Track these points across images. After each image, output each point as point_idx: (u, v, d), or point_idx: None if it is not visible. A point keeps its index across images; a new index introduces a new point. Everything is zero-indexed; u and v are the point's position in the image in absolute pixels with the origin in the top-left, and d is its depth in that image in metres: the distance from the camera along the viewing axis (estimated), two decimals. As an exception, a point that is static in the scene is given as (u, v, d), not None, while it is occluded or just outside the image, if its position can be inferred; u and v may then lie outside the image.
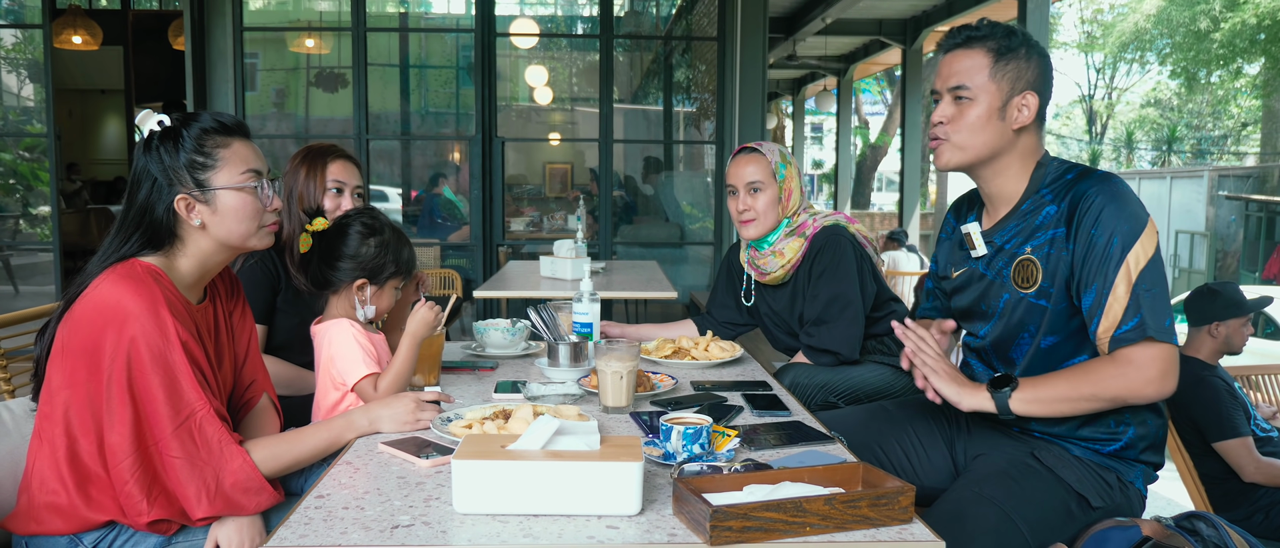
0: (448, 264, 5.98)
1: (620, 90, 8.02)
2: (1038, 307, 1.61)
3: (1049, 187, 1.62)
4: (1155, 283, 1.50)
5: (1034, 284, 1.61)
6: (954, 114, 1.62)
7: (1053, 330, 1.61)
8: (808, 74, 14.05)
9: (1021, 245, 1.63)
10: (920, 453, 1.81)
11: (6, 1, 8.52)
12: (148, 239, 1.46)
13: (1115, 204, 1.52)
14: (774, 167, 2.35)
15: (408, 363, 1.77)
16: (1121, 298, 1.49)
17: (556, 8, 7.61)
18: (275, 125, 7.00)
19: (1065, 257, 1.56)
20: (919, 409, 1.89)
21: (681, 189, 6.78)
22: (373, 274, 1.84)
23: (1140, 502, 1.65)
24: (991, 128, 1.60)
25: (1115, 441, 1.62)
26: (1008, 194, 1.66)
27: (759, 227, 2.35)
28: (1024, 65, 1.59)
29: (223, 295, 1.64)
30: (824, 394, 2.20)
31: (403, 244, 1.89)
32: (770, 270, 2.38)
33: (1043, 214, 1.61)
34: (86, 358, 1.37)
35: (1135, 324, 1.48)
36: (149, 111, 1.48)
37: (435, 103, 7.23)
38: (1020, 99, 1.60)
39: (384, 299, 1.87)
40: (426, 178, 6.90)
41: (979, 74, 1.60)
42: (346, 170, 2.20)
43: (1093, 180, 1.56)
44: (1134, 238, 1.50)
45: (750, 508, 1.13)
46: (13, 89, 10.74)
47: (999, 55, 1.59)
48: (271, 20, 7.10)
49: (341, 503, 1.25)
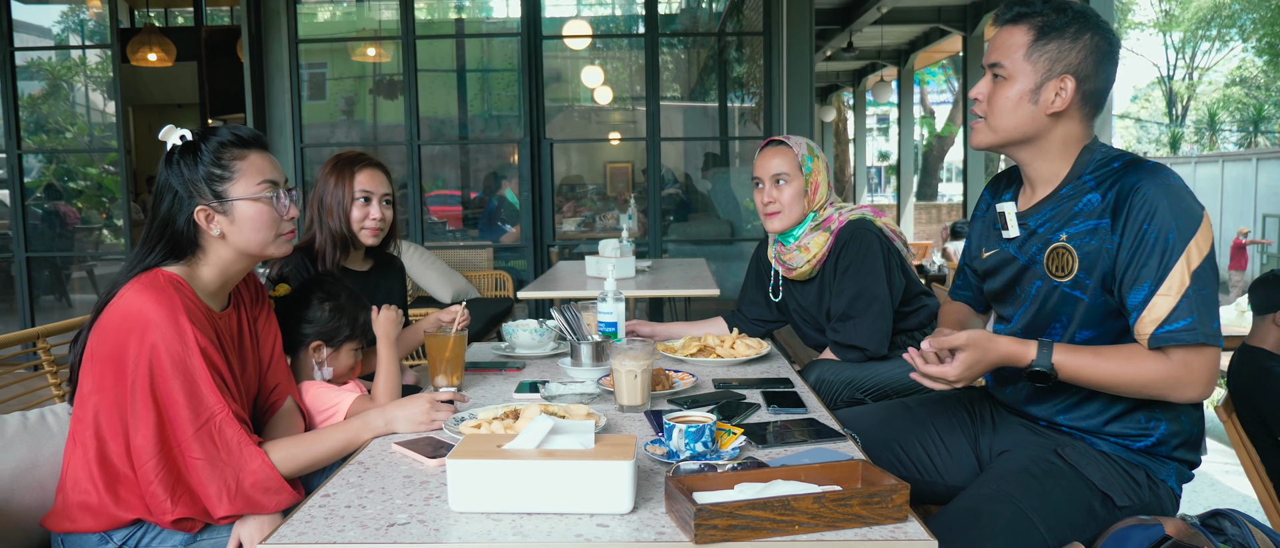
0: (500, 266, 6.06)
1: (680, 87, 8.03)
2: (1072, 297, 1.55)
3: (1093, 173, 1.54)
4: (1208, 283, 1.43)
5: (1069, 274, 1.54)
6: (989, 92, 1.57)
7: (1088, 324, 1.54)
8: (868, 65, 13.83)
9: (1057, 231, 1.56)
10: (942, 450, 1.78)
11: (92, 23, 8.97)
12: (170, 249, 1.53)
13: (1170, 198, 1.43)
14: (800, 159, 2.33)
15: (394, 362, 1.83)
16: (1174, 295, 1.41)
17: (614, 7, 7.64)
18: (345, 133, 7.18)
19: (1109, 249, 1.48)
20: (941, 405, 1.85)
21: (732, 186, 6.75)
22: (328, 338, 1.90)
23: (1173, 500, 1.59)
24: (1023, 110, 1.53)
25: (1146, 436, 1.56)
26: (1047, 176, 1.59)
27: (784, 220, 2.34)
28: (1068, 46, 1.50)
29: (247, 302, 1.70)
30: (850, 391, 2.18)
31: (359, 309, 1.94)
32: (796, 266, 2.36)
33: (1084, 201, 1.53)
34: (113, 364, 1.44)
35: (1187, 324, 1.41)
36: (171, 127, 1.55)
37: (498, 105, 7.34)
38: (1057, 83, 1.51)
39: (341, 361, 1.93)
40: (486, 180, 7.00)
41: (1016, 52, 1.53)
42: (374, 179, 2.25)
43: (1144, 173, 1.47)
44: (1190, 234, 1.42)
45: (736, 506, 1.13)
46: (98, 107, 11.28)
47: (1041, 34, 1.51)
48: (335, 30, 7.29)
49: (345, 501, 1.29)
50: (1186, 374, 1.43)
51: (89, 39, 9.12)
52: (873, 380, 2.18)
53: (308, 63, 6.88)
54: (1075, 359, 1.47)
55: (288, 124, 5.78)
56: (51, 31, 9.39)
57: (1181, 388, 1.44)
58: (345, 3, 7.44)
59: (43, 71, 8.41)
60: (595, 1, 7.87)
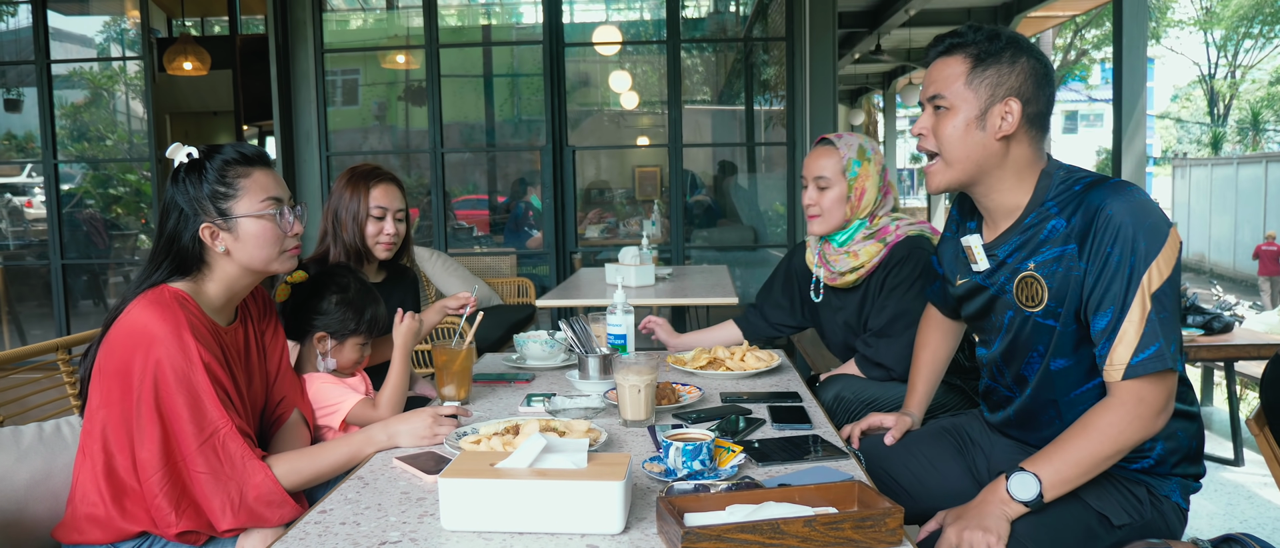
0: (523, 272, 6.09)
1: (710, 90, 8.01)
2: (1045, 326, 1.52)
3: (1055, 198, 1.51)
4: (1169, 304, 1.39)
5: (1039, 303, 1.51)
6: (932, 124, 1.55)
7: (1061, 352, 1.52)
8: (898, 67, 13.70)
9: (1024, 261, 1.53)
10: (933, 473, 1.76)
11: (133, 32, 9.15)
12: (176, 266, 1.56)
13: (1134, 217, 1.39)
14: (845, 163, 2.25)
15: (403, 373, 1.85)
16: (1138, 323, 1.38)
17: (642, 11, 7.66)
18: (377, 139, 7.26)
19: (1076, 275, 1.45)
20: (931, 429, 1.85)
21: (755, 191, 6.72)
22: (334, 331, 1.92)
23: (1179, 515, 1.55)
24: (972, 138, 1.51)
25: (1143, 457, 1.53)
26: (1008, 207, 1.56)
27: (823, 224, 2.28)
28: (1007, 70, 1.49)
29: (254, 316, 1.72)
30: (869, 411, 2.14)
31: (368, 305, 1.95)
32: (841, 270, 2.29)
33: (1048, 228, 1.50)
34: (118, 378, 1.46)
35: (1154, 352, 1.38)
36: (178, 145, 1.58)
37: (528, 110, 7.39)
38: (1001, 106, 1.49)
39: (345, 354, 1.94)
40: (512, 186, 7.04)
41: (956, 82, 1.51)
42: (388, 195, 2.27)
43: (1107, 191, 1.43)
44: (1153, 255, 1.38)
45: (724, 530, 1.12)
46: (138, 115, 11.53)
47: (978, 61, 1.50)
48: (366, 37, 7.37)
49: (340, 518, 1.30)
50: (1143, 409, 1.39)
51: (130, 49, 9.32)
52: (891, 403, 2.14)
53: (341, 69, 6.97)
54: (1052, 469, 1.42)
55: (314, 133, 5.85)
56: (94, 41, 9.60)
57: (1151, 422, 1.40)
58: (376, 10, 7.53)
59: (83, 80, 8.59)
60: (624, 5, 7.89)
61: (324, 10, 5.95)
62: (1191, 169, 17.12)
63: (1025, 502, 1.42)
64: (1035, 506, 1.42)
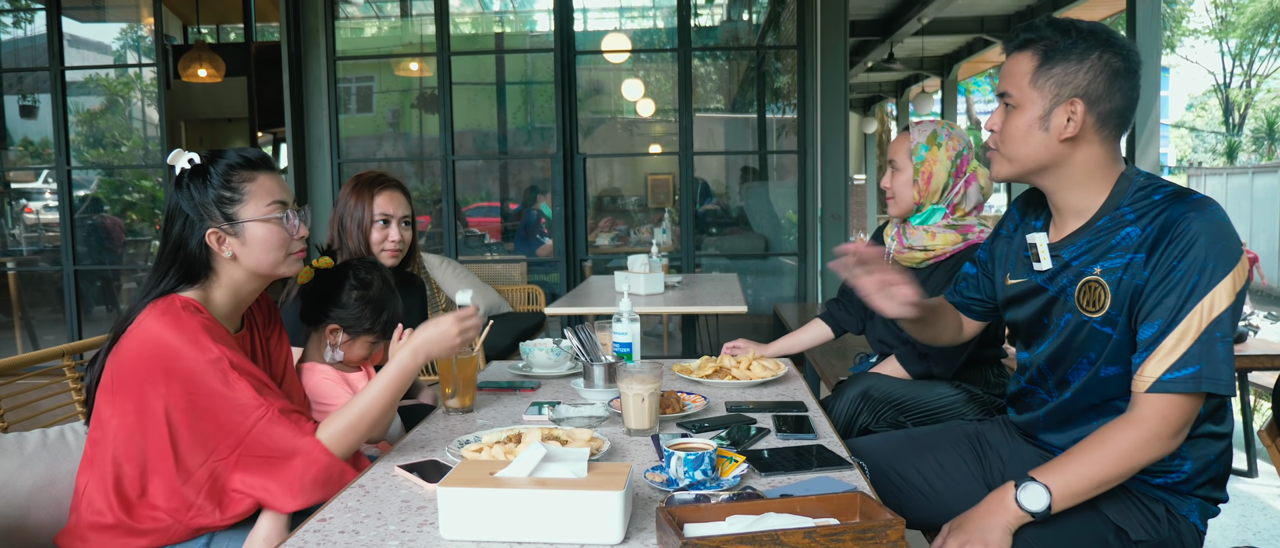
0: (533, 280, 6.09)
1: (723, 98, 8.01)
2: (1102, 334, 1.48)
3: (1131, 205, 1.46)
4: (1226, 331, 1.35)
5: (1101, 309, 1.47)
6: (1001, 122, 1.52)
7: (1115, 360, 1.48)
8: (911, 75, 13.67)
9: (1091, 264, 1.48)
10: (943, 476, 1.74)
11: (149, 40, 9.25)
12: (184, 273, 1.55)
13: (1210, 235, 1.35)
14: (913, 147, 2.26)
15: None
16: (1187, 340, 1.35)
17: (655, 19, 7.67)
18: (391, 146, 7.29)
19: (1140, 284, 1.41)
20: (946, 432, 1.83)
21: (767, 199, 6.71)
22: (347, 325, 1.90)
23: (1196, 537, 1.52)
24: (1034, 139, 1.47)
25: (1169, 473, 1.50)
26: (1079, 207, 1.52)
27: (896, 206, 2.30)
28: (1074, 69, 1.44)
29: (260, 323, 1.72)
30: (894, 414, 2.12)
31: (387, 306, 1.93)
32: (913, 246, 2.27)
33: (1122, 234, 1.45)
34: (133, 392, 1.46)
35: (1191, 373, 1.35)
36: (179, 151, 1.58)
37: (541, 118, 7.41)
38: (1066, 107, 1.44)
39: (355, 349, 1.92)
40: (524, 193, 7.06)
41: (1023, 79, 1.48)
42: (393, 201, 2.27)
43: (1190, 205, 1.39)
44: (1220, 277, 1.34)
45: (723, 541, 1.11)
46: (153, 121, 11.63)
47: (1045, 58, 1.46)
48: (380, 45, 7.41)
49: (340, 527, 1.29)
50: (1163, 427, 1.37)
51: (145, 56, 9.40)
52: (918, 406, 2.11)
53: (355, 76, 7.00)
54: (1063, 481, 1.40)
55: (325, 140, 5.88)
56: (111, 48, 9.69)
57: (1159, 442, 1.38)
58: (390, 18, 7.56)
59: (99, 87, 8.67)
60: (637, 14, 7.91)
61: (336, 18, 5.99)
62: (1206, 178, 17.00)
63: (1034, 513, 1.39)
64: (1042, 517, 1.40)
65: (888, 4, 9.01)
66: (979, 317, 1.87)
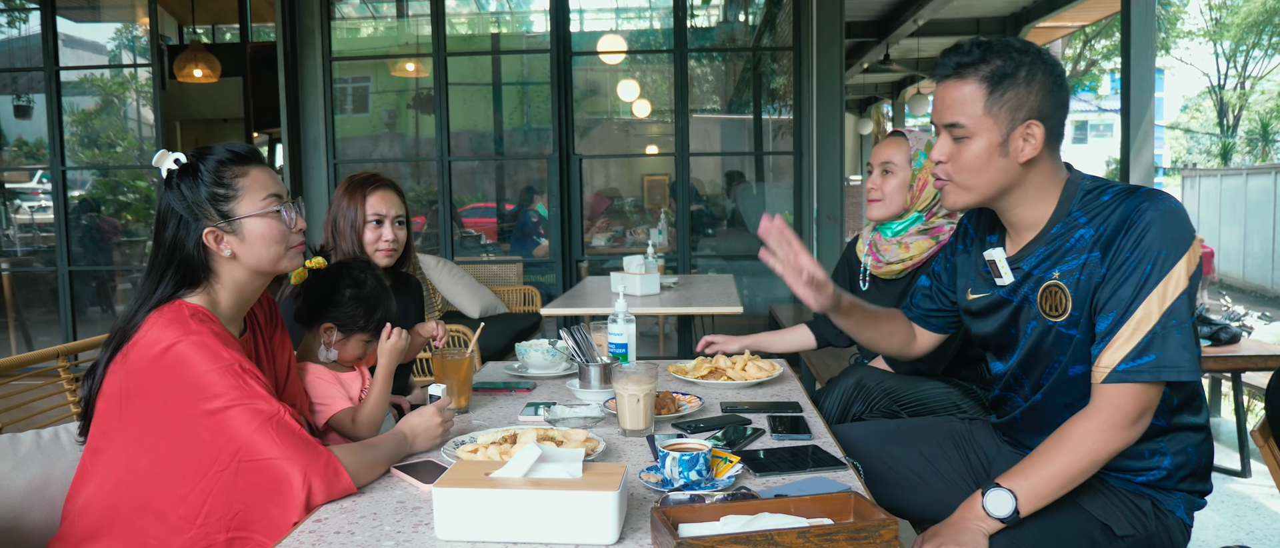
0: (530, 280, 6.09)
1: (720, 99, 8.02)
2: (1067, 336, 1.49)
3: (1081, 208, 1.48)
4: (1183, 316, 1.36)
5: (1063, 313, 1.48)
6: (952, 152, 1.50)
7: (1082, 358, 1.49)
8: (907, 76, 13.70)
9: (1049, 270, 1.50)
10: (929, 469, 1.75)
11: (144, 40, 9.24)
12: (183, 276, 1.50)
13: (1161, 223, 1.37)
14: (913, 153, 2.27)
15: (384, 390, 1.83)
16: (1143, 329, 1.36)
17: (651, 20, 7.68)
18: (387, 146, 7.28)
19: (1097, 283, 1.43)
20: (934, 426, 1.84)
21: (763, 200, 6.72)
22: (342, 325, 1.90)
23: (1183, 531, 1.53)
24: (994, 165, 1.47)
25: (1150, 470, 1.51)
26: (1031, 220, 1.53)
27: (883, 209, 2.29)
28: (1024, 91, 1.44)
29: (262, 324, 1.70)
30: (888, 402, 2.13)
31: (381, 305, 1.93)
32: (889, 261, 2.29)
33: (1076, 237, 1.47)
34: (142, 402, 1.42)
35: (1147, 362, 1.35)
36: (163, 152, 1.52)
37: (538, 119, 7.41)
38: (1023, 130, 1.45)
39: (349, 349, 1.92)
40: (520, 194, 7.06)
41: (973, 107, 1.45)
42: (386, 201, 2.27)
43: (1141, 198, 1.41)
44: (1174, 260, 1.36)
45: (717, 541, 1.12)
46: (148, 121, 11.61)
47: (995, 84, 1.44)
48: (376, 45, 7.40)
49: (335, 527, 1.29)
50: (1118, 416, 1.37)
51: (140, 56, 9.38)
52: (913, 396, 2.12)
53: (351, 76, 7.00)
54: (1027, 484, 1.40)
55: (321, 140, 5.88)
56: (106, 48, 9.66)
57: (1115, 432, 1.38)
58: (386, 18, 7.55)
59: (94, 87, 8.65)
60: (633, 14, 7.91)
61: (332, 19, 5.98)
62: (1201, 179, 17.04)
63: (1001, 518, 1.40)
64: (1011, 522, 1.40)
65: (884, 5, 9.03)
66: (938, 329, 1.87)
